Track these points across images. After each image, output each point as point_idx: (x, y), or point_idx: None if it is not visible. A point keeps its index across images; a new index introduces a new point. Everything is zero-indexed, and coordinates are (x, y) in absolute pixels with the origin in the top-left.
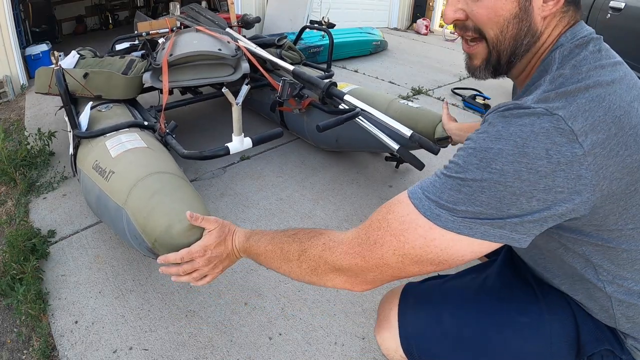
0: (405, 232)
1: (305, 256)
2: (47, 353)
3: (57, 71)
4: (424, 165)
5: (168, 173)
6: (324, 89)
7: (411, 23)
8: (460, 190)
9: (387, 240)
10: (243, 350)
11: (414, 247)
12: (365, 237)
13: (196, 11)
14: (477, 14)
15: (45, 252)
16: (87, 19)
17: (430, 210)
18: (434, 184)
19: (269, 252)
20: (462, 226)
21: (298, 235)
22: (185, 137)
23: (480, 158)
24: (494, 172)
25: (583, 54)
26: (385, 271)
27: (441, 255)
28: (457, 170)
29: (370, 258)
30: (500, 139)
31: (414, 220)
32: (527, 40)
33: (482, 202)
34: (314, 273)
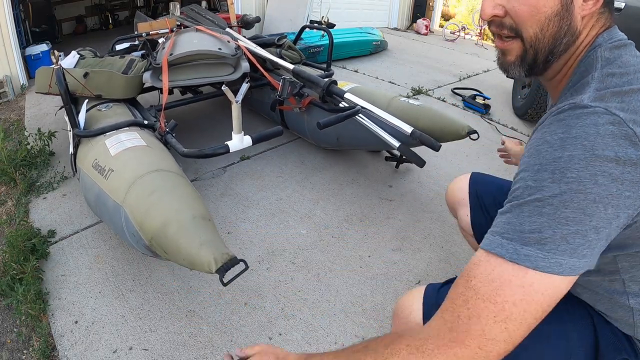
0: (499, 291)
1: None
2: (47, 353)
3: (58, 71)
4: (425, 162)
5: (167, 171)
6: (324, 87)
7: (411, 23)
8: (542, 213)
9: (483, 309)
10: None
11: (515, 303)
12: (454, 318)
13: (196, 11)
14: (518, 11)
15: (45, 252)
16: (87, 19)
17: (516, 252)
18: (508, 221)
19: None
20: (553, 263)
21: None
22: (185, 137)
23: (552, 171)
24: (571, 181)
25: (625, 56)
26: (492, 350)
27: (544, 301)
28: (529, 192)
29: (470, 340)
30: (566, 146)
31: (504, 272)
32: (566, 40)
33: (568, 219)
34: None
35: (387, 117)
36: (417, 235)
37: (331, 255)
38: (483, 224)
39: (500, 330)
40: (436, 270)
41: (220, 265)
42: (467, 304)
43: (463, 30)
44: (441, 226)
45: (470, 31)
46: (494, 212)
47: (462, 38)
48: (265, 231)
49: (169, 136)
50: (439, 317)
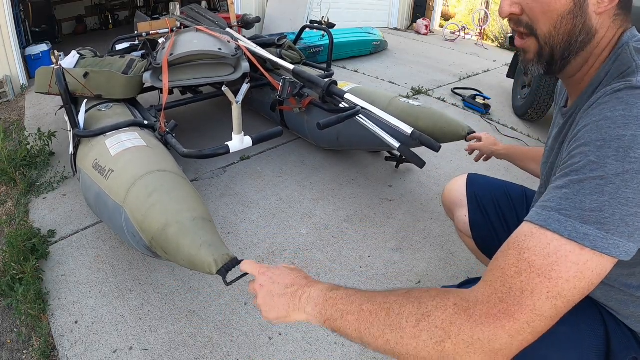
0: (555, 266)
1: (428, 322)
2: (47, 353)
3: (58, 70)
4: (424, 162)
5: (167, 172)
6: (325, 87)
7: (411, 23)
8: (604, 191)
9: (538, 284)
10: (243, 350)
11: (567, 280)
12: (507, 289)
13: (196, 11)
14: (532, 8)
15: (45, 252)
16: (87, 19)
17: (575, 230)
18: (566, 197)
19: (365, 312)
20: (612, 245)
21: (413, 294)
22: (185, 137)
23: (616, 148)
24: (634, 161)
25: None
26: (537, 326)
27: (592, 279)
28: (591, 168)
29: (520, 314)
30: (629, 124)
31: (560, 249)
32: (582, 38)
33: (628, 200)
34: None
35: (387, 117)
36: (417, 235)
37: (331, 255)
38: (482, 224)
39: (550, 307)
40: (436, 270)
41: (221, 266)
42: (521, 277)
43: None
44: (441, 226)
45: (470, 31)
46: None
47: (462, 38)
48: (265, 231)
49: (169, 136)
50: (489, 285)
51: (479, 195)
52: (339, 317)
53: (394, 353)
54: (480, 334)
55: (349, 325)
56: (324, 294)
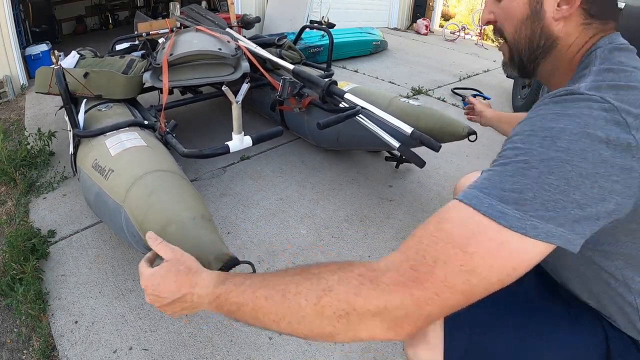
0: (472, 240)
1: (330, 298)
2: (47, 353)
3: (58, 70)
4: (424, 162)
5: (167, 171)
6: (325, 87)
7: (411, 23)
8: (526, 174)
9: (451, 255)
10: (243, 350)
11: (483, 257)
12: (419, 256)
13: (196, 11)
14: (498, 15)
15: (45, 252)
16: (87, 19)
17: (492, 207)
18: (490, 177)
19: (259, 298)
20: (529, 225)
21: (311, 271)
22: (185, 137)
23: (542, 137)
24: (560, 150)
25: (623, 57)
26: (447, 299)
27: (511, 261)
28: (516, 153)
29: (429, 283)
30: (560, 119)
31: (478, 224)
32: (542, 42)
33: (550, 185)
34: (343, 320)
35: (387, 117)
36: None
37: (331, 255)
38: None
39: (463, 281)
40: None
41: (221, 265)
42: (436, 246)
43: (463, 30)
44: None
45: (470, 31)
46: None
47: (462, 38)
48: (265, 231)
49: (169, 136)
50: (402, 253)
51: None
52: (235, 309)
53: (298, 334)
54: (386, 302)
55: (247, 315)
56: (211, 292)
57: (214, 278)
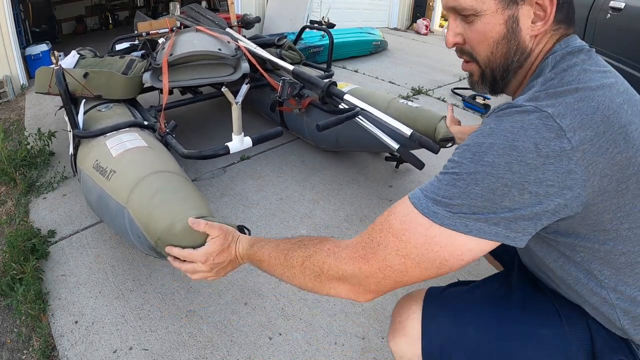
0: (406, 232)
1: (309, 262)
2: (47, 353)
3: (57, 71)
4: (424, 164)
5: (170, 172)
6: (324, 88)
7: (411, 23)
8: (455, 185)
9: (390, 241)
10: (243, 350)
11: (415, 246)
12: (369, 239)
13: (196, 11)
14: (471, 37)
15: (45, 252)
16: (87, 19)
17: (427, 207)
18: (432, 183)
19: (272, 258)
20: (459, 223)
21: (303, 242)
22: (185, 137)
23: (473, 152)
24: (486, 165)
25: (574, 60)
26: (389, 275)
27: (441, 253)
28: (452, 166)
29: (373, 261)
30: (492, 135)
31: (414, 219)
32: (517, 57)
33: (476, 195)
34: (317, 280)
35: (387, 119)
36: None
37: None
38: None
39: (399, 262)
40: None
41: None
42: (381, 233)
43: None
44: None
45: None
46: None
47: None
48: (266, 231)
49: (169, 137)
50: (362, 234)
51: None
52: (258, 264)
53: (294, 284)
54: (343, 271)
55: (266, 268)
56: (247, 252)
57: (247, 241)
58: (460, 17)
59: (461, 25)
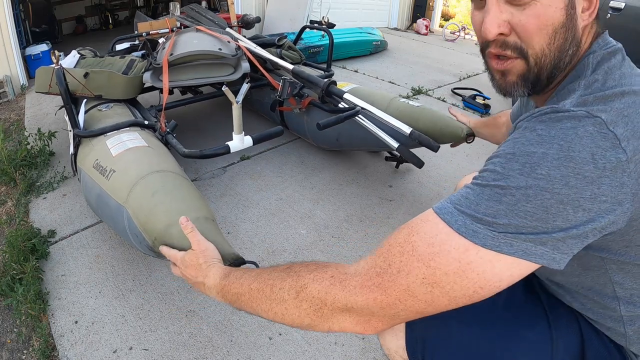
0: (436, 257)
1: (306, 293)
2: (47, 353)
3: (58, 70)
4: (423, 163)
5: (169, 172)
6: (324, 87)
7: (411, 23)
8: (501, 201)
9: (414, 268)
10: (243, 350)
11: (447, 273)
12: (386, 264)
13: (196, 11)
14: (526, 24)
15: (45, 252)
16: (87, 19)
17: (465, 226)
18: (467, 196)
19: (253, 291)
20: (503, 243)
21: (293, 268)
22: (185, 137)
23: (522, 163)
24: (539, 178)
25: (613, 62)
26: (411, 306)
27: (477, 281)
28: (494, 178)
29: (393, 290)
30: (542, 143)
31: (446, 241)
32: (571, 51)
33: (527, 213)
34: (318, 314)
35: (386, 117)
36: None
37: (331, 255)
38: None
39: (425, 292)
40: None
41: (228, 264)
42: (402, 257)
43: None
44: None
45: (470, 31)
46: None
47: (462, 38)
48: (265, 231)
49: (169, 136)
50: (372, 258)
51: None
52: (235, 299)
53: (284, 322)
54: (353, 303)
55: (245, 305)
56: (218, 284)
57: (220, 272)
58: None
59: (508, 10)
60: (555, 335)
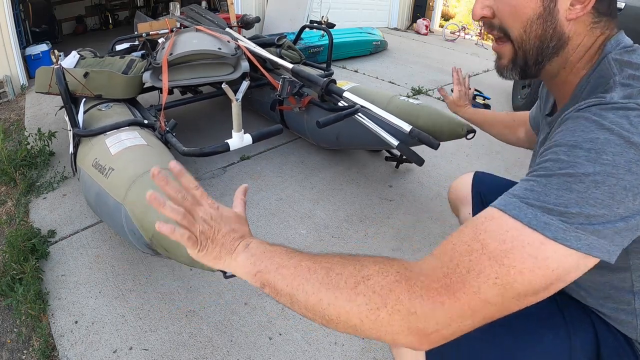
0: (509, 254)
1: (367, 286)
2: (47, 353)
3: (58, 70)
4: (423, 160)
5: (167, 170)
6: (324, 86)
7: (411, 23)
8: (572, 188)
9: (486, 267)
10: (243, 350)
11: (521, 271)
12: (453, 265)
13: (196, 11)
14: (502, 10)
15: (45, 252)
16: (87, 19)
17: (536, 218)
18: (532, 188)
19: (303, 268)
20: (573, 237)
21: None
22: (185, 136)
23: (587, 149)
24: (606, 164)
25: (635, 60)
26: (479, 311)
27: (550, 277)
28: (560, 166)
29: (462, 293)
30: (603, 129)
31: (518, 236)
32: (553, 43)
33: (597, 200)
34: (373, 315)
35: (386, 115)
36: (417, 235)
37: None
38: None
39: (495, 294)
40: None
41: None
42: (471, 255)
43: (463, 30)
44: (441, 226)
45: (470, 31)
46: None
47: (462, 38)
48: (265, 231)
49: (169, 135)
50: (437, 258)
51: (483, 193)
52: (273, 269)
53: (323, 315)
54: (417, 307)
55: (282, 279)
56: (262, 246)
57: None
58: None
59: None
60: (572, 334)
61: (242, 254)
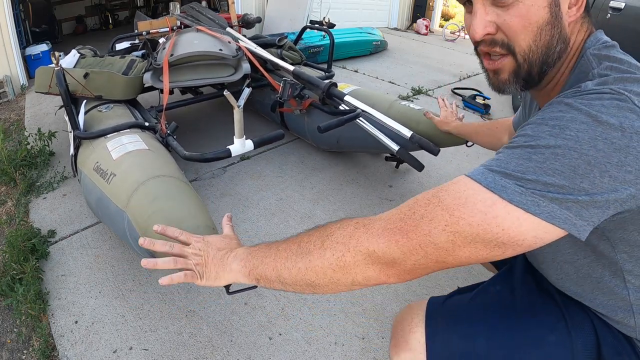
0: (461, 207)
1: (331, 240)
2: (47, 353)
3: (58, 71)
4: (423, 166)
5: (170, 177)
6: (325, 89)
7: (411, 23)
8: (531, 158)
9: (438, 215)
10: (243, 350)
11: (470, 224)
12: (410, 212)
13: (197, 10)
14: (511, 24)
15: (45, 252)
16: (87, 19)
17: (494, 181)
18: (497, 158)
19: (281, 250)
20: (530, 201)
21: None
22: (185, 138)
23: (552, 125)
24: (568, 139)
25: (616, 54)
26: (431, 253)
27: (501, 236)
28: (525, 140)
29: (414, 235)
30: (571, 109)
31: (473, 194)
32: (559, 48)
33: (555, 171)
34: (340, 262)
35: (387, 120)
36: None
37: None
38: None
39: (446, 240)
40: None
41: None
42: (427, 207)
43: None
44: None
45: None
46: None
47: (462, 38)
48: (265, 231)
49: (170, 138)
50: (398, 209)
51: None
52: (259, 263)
53: (306, 281)
54: (375, 245)
55: (268, 268)
56: (247, 249)
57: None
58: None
59: (493, 12)
60: (574, 335)
61: (233, 263)
